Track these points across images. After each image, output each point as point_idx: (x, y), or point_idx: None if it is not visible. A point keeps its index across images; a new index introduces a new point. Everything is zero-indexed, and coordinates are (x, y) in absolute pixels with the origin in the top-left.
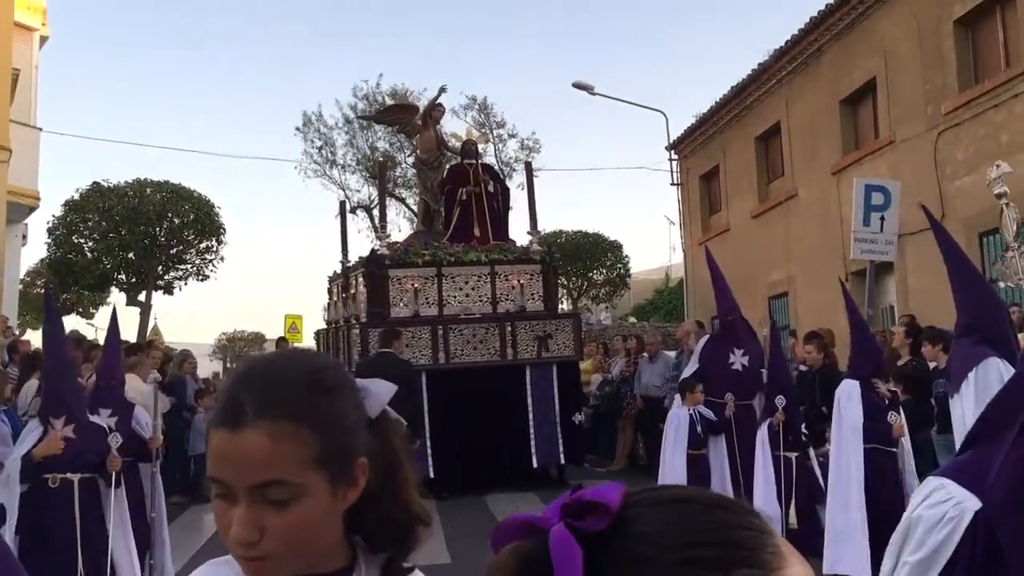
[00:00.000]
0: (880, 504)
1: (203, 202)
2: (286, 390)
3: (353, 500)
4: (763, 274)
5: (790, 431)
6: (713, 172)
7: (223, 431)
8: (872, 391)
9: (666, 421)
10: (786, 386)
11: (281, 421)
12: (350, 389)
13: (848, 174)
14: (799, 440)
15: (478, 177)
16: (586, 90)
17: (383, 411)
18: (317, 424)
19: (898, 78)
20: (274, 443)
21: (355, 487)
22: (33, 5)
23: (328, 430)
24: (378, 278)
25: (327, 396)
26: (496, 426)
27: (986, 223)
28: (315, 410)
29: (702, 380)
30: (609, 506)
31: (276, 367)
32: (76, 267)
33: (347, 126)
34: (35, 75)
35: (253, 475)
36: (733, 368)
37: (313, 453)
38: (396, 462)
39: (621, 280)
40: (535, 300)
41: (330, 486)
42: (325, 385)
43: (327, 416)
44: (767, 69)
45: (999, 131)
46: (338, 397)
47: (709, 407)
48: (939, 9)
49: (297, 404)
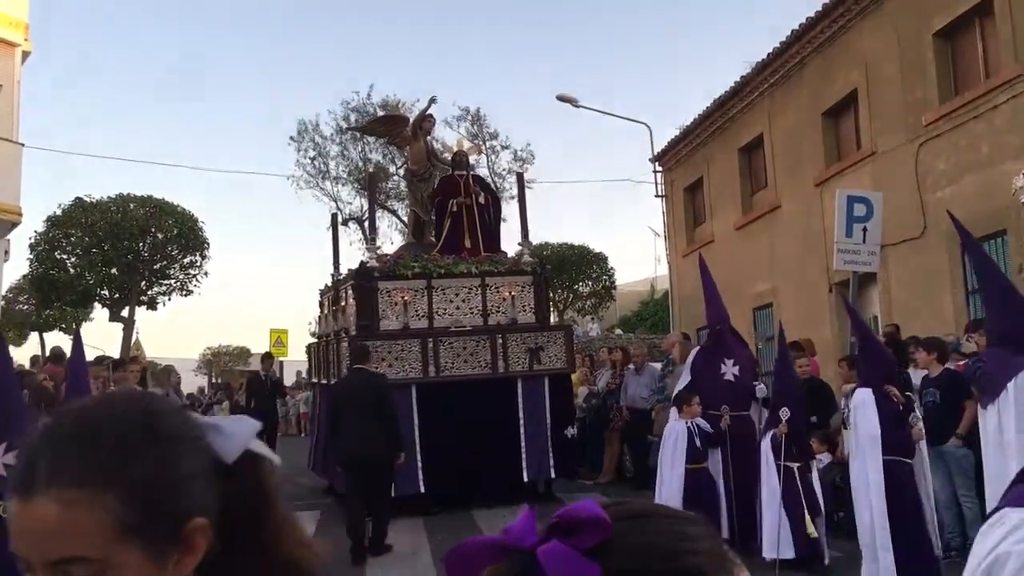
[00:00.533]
0: (901, 516)
1: (187, 217)
2: (89, 448)
3: (191, 567)
4: (747, 285)
5: (795, 442)
6: (697, 184)
7: (14, 499)
8: (886, 398)
9: (663, 435)
10: (793, 398)
11: (75, 487)
12: (186, 437)
13: (831, 185)
14: (805, 451)
15: (469, 188)
16: (570, 103)
17: (247, 452)
18: (127, 486)
19: (879, 90)
20: (67, 513)
21: (191, 552)
22: (15, 21)
23: (143, 491)
24: (367, 291)
25: (147, 450)
26: (487, 440)
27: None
28: (123, 469)
29: (696, 392)
30: (606, 521)
31: (86, 419)
32: (59, 283)
33: (339, 136)
34: (17, 90)
35: (48, 551)
36: (725, 379)
37: (120, 521)
38: (267, 507)
39: (607, 292)
40: (526, 312)
41: (149, 557)
42: (147, 436)
43: (143, 474)
44: (749, 82)
45: (979, 142)
46: (166, 448)
47: (705, 419)
48: (919, 22)
49: (99, 464)
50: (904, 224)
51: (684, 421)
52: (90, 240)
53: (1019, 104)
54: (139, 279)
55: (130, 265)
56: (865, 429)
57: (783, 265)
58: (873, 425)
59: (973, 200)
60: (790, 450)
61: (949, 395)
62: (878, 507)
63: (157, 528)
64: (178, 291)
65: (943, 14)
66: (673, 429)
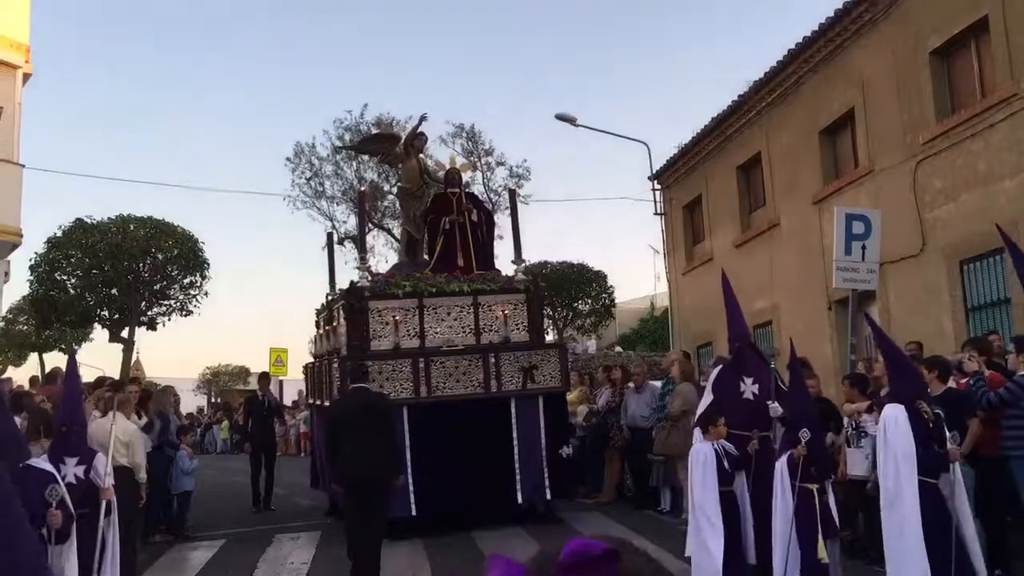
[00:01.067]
0: (935, 537)
1: (187, 237)
2: None
3: None
4: (747, 303)
5: (813, 462)
6: (696, 202)
7: None
8: (918, 415)
9: (690, 458)
10: (810, 417)
11: None
12: None
13: (829, 203)
14: (824, 472)
15: (462, 206)
16: (569, 122)
17: None
18: None
19: (876, 108)
20: None
21: None
22: (16, 43)
23: None
24: (358, 310)
25: None
26: (480, 461)
27: (966, 251)
28: None
29: (721, 412)
30: (617, 552)
31: None
32: (59, 304)
33: (334, 156)
34: (18, 112)
35: None
36: (744, 398)
37: None
38: None
39: (606, 310)
40: (520, 330)
41: None
42: None
43: None
44: (747, 100)
45: (976, 160)
46: None
47: (730, 440)
48: (915, 41)
49: None
50: (902, 242)
51: (710, 443)
52: (90, 261)
53: (1015, 122)
54: (139, 300)
55: (130, 286)
56: (899, 447)
57: (782, 283)
58: (908, 443)
59: (970, 218)
60: (808, 471)
61: (951, 414)
62: (913, 529)
63: None
64: (178, 311)
65: (939, 33)
66: (700, 451)
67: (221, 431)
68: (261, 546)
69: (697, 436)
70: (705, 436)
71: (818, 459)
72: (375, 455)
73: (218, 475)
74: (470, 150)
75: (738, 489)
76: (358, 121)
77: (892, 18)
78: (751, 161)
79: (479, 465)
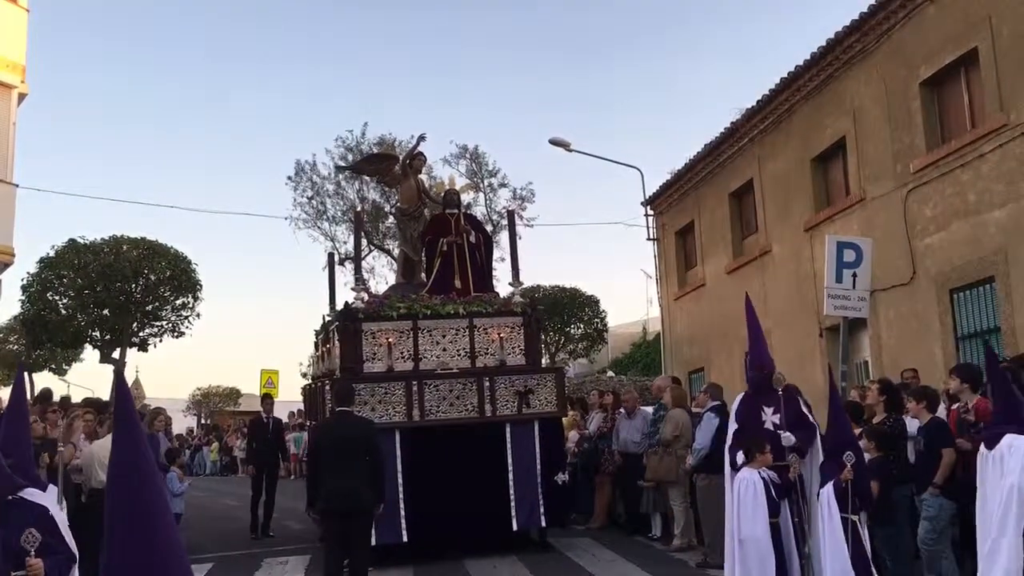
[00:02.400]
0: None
1: (179, 259)
2: None
3: None
4: (739, 329)
5: (857, 491)
6: (689, 228)
7: None
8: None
9: (736, 487)
10: (852, 443)
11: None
12: None
13: (820, 231)
14: (867, 501)
15: (460, 227)
16: (562, 147)
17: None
18: None
19: (867, 137)
20: None
21: None
22: (12, 63)
23: None
24: (351, 332)
25: None
26: (474, 487)
27: (956, 280)
28: None
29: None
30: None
31: None
32: (50, 324)
33: (334, 176)
34: (12, 132)
35: None
36: (766, 427)
37: None
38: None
39: (599, 334)
40: (516, 354)
41: None
42: None
43: None
44: (739, 128)
45: (966, 190)
46: None
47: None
48: (906, 71)
49: None
50: (893, 270)
51: (757, 471)
52: (83, 281)
53: (1005, 153)
54: (131, 321)
55: (122, 307)
56: (1020, 482)
57: (774, 309)
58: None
59: (961, 247)
60: (851, 501)
61: (932, 443)
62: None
63: None
64: (169, 332)
65: (929, 64)
66: (748, 480)
67: (211, 453)
68: (249, 570)
69: (740, 460)
70: (751, 464)
71: (861, 486)
72: (355, 484)
73: (207, 497)
74: (474, 171)
75: (782, 520)
76: (359, 140)
77: (883, 48)
78: (743, 188)
79: (472, 491)
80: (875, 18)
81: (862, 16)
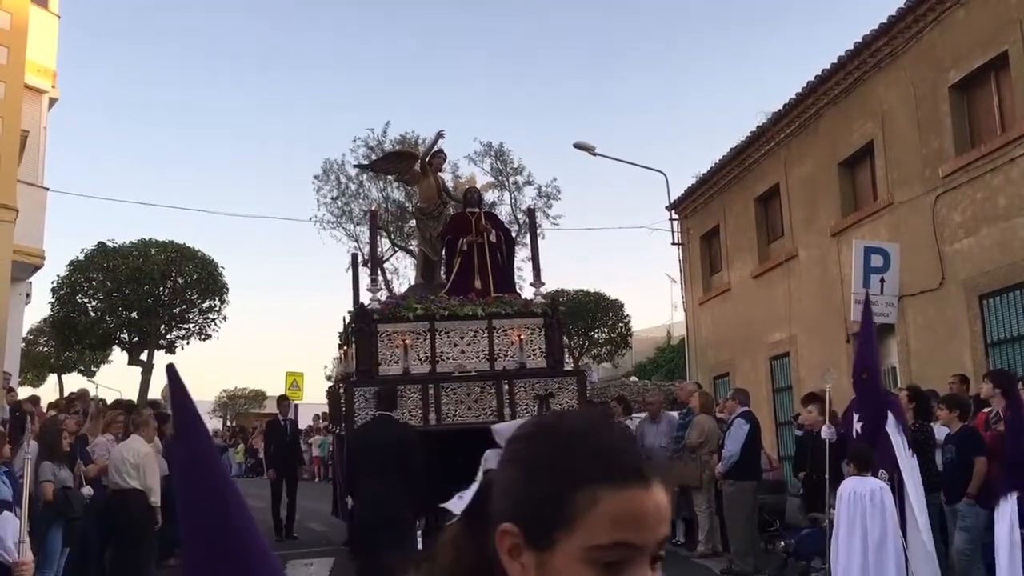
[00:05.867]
0: None
1: (207, 262)
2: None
3: None
4: (764, 334)
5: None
6: (714, 232)
7: (637, 489)
8: None
9: (871, 496)
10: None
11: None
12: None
13: (848, 236)
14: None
15: (480, 226)
16: (587, 151)
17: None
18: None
19: (895, 141)
20: (667, 499)
21: None
22: (43, 68)
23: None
24: (366, 334)
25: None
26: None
27: (985, 285)
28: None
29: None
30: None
31: (619, 426)
32: (79, 326)
33: (359, 176)
34: (43, 136)
35: (662, 532)
36: (855, 433)
37: None
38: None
39: (622, 339)
40: (536, 356)
41: None
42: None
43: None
44: (766, 132)
45: (996, 194)
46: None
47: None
48: (935, 74)
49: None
50: (922, 275)
51: (882, 478)
52: (111, 284)
53: None
54: (158, 323)
55: (150, 309)
56: None
57: (800, 315)
58: None
59: (990, 252)
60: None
61: (963, 452)
62: None
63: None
64: (196, 335)
65: (959, 67)
66: (879, 489)
67: (236, 454)
68: None
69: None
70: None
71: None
72: (396, 493)
73: None
74: (499, 169)
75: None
76: (380, 139)
77: (912, 52)
78: (769, 192)
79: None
80: (904, 21)
81: (891, 19)
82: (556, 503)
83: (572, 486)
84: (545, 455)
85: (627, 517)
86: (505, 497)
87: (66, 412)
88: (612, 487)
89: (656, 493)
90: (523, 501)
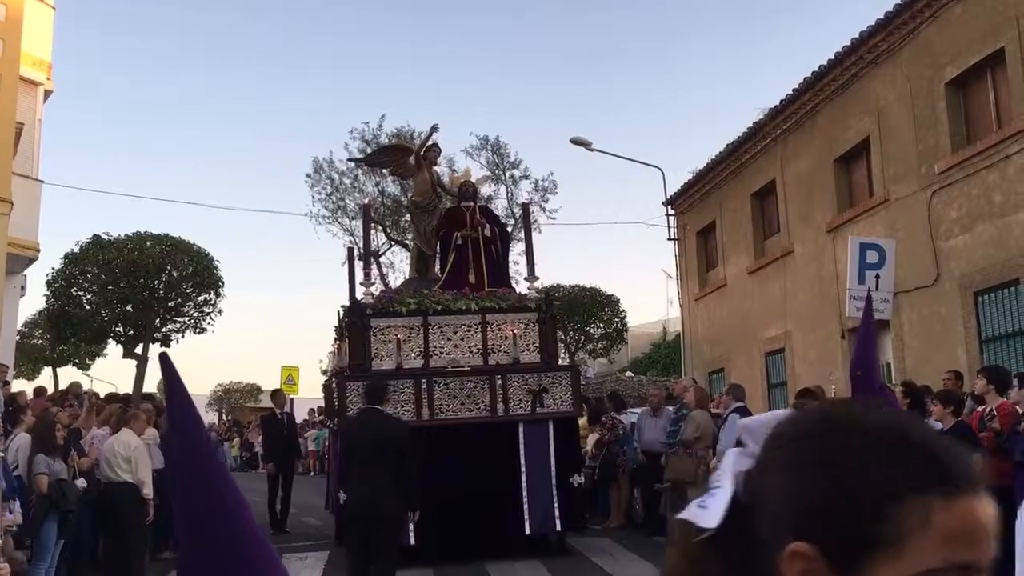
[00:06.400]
0: None
1: (202, 255)
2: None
3: None
4: (760, 330)
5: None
6: (710, 228)
7: (972, 498)
8: None
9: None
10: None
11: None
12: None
13: (843, 232)
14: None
15: (475, 220)
16: (584, 146)
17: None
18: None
19: (891, 138)
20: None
21: None
22: (38, 60)
23: None
24: (359, 328)
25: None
26: (485, 489)
27: (980, 282)
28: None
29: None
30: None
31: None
32: (74, 319)
33: (352, 170)
34: (38, 128)
35: (992, 549)
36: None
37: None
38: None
39: (618, 334)
40: (530, 351)
41: None
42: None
43: None
44: (762, 128)
45: (992, 191)
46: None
47: None
48: (931, 71)
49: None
50: (917, 271)
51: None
52: (106, 277)
53: None
54: (154, 316)
55: (145, 303)
56: None
57: (795, 310)
58: None
59: (986, 249)
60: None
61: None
62: None
63: None
64: (192, 329)
65: (955, 64)
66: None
67: (232, 448)
68: None
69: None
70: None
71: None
72: (381, 490)
73: None
74: (495, 163)
75: None
76: (376, 133)
77: (908, 48)
78: (766, 188)
79: (484, 493)
80: (900, 18)
81: (887, 16)
82: (875, 518)
83: (897, 497)
84: (855, 458)
85: (965, 533)
86: (790, 510)
87: (59, 405)
88: (947, 497)
89: (988, 502)
90: (823, 515)
